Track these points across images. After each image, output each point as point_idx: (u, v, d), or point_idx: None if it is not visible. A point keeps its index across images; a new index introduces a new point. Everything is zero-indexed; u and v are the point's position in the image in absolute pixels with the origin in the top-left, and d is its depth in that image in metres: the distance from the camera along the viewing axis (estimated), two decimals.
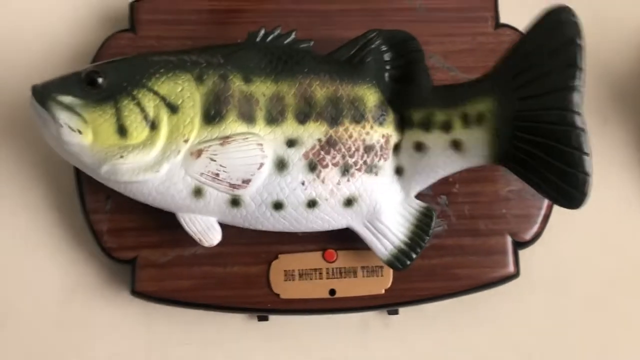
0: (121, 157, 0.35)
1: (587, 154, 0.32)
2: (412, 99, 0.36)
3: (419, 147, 0.36)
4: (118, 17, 0.42)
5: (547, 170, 0.33)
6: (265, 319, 0.40)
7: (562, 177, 0.33)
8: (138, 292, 0.39)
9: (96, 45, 0.41)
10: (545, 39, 0.32)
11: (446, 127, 0.35)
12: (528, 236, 0.40)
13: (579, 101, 0.32)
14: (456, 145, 0.35)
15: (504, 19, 0.42)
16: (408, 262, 0.38)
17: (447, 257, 0.40)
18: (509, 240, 0.40)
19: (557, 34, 0.32)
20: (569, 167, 0.32)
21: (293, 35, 0.38)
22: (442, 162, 0.36)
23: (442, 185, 0.39)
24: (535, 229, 0.41)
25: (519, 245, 0.40)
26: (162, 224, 0.38)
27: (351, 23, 0.41)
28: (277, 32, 0.37)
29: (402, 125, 0.37)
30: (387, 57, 0.37)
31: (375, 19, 0.41)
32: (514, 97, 0.33)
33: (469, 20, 0.42)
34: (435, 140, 0.36)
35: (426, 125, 0.36)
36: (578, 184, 0.32)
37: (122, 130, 0.35)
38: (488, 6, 0.42)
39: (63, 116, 0.34)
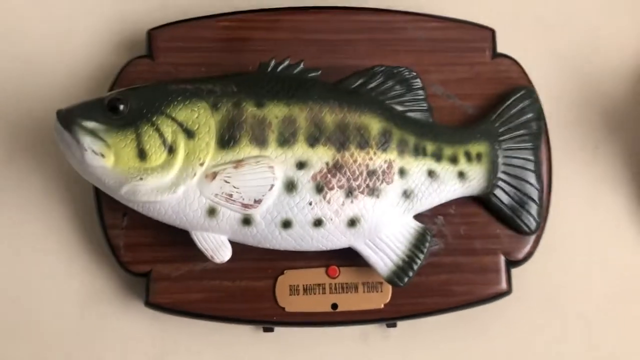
0: (141, 179, 0.37)
1: (544, 191, 0.43)
2: (425, 131, 0.41)
3: (431, 174, 0.40)
4: (136, 44, 0.44)
5: (514, 202, 0.42)
6: (270, 330, 0.42)
7: (522, 211, 0.42)
8: (152, 304, 0.41)
9: (115, 70, 0.43)
10: (520, 107, 0.43)
11: (453, 160, 0.40)
12: (520, 255, 0.43)
13: (544, 155, 0.43)
14: (461, 175, 0.41)
15: (501, 49, 0.45)
16: (406, 279, 0.40)
17: (444, 275, 0.42)
18: (502, 259, 0.42)
19: (528, 107, 0.43)
20: (531, 200, 0.42)
21: (302, 65, 0.40)
22: (448, 189, 0.41)
23: (440, 207, 0.42)
24: (527, 248, 0.43)
25: (512, 264, 0.43)
26: (175, 240, 0.41)
27: (357, 52, 0.43)
28: (287, 62, 0.40)
29: (415, 153, 0.40)
30: (390, 90, 0.40)
31: (380, 49, 0.43)
32: (500, 146, 0.42)
33: (467, 50, 0.44)
34: (445, 169, 0.40)
35: (437, 157, 0.40)
36: (532, 220, 0.42)
37: (142, 154, 0.37)
38: (486, 37, 0.44)
39: (87, 140, 0.37)
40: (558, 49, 0.47)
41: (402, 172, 0.40)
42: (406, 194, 0.40)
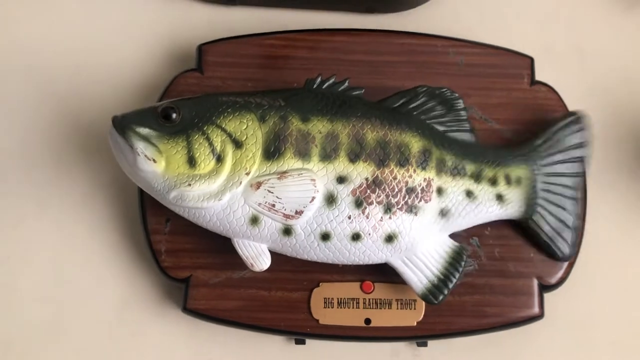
0: (189, 185, 0.38)
1: (579, 220, 0.43)
2: (466, 152, 0.41)
3: (469, 194, 0.41)
4: (186, 58, 0.46)
5: (551, 228, 0.42)
6: (302, 342, 0.43)
7: (562, 236, 0.42)
8: (189, 310, 0.42)
9: (165, 82, 0.44)
10: (568, 133, 0.43)
11: (493, 182, 0.41)
12: (554, 280, 0.43)
13: (582, 183, 0.43)
14: (499, 198, 0.41)
15: (539, 76, 0.45)
16: (441, 297, 0.40)
17: (477, 295, 0.42)
18: (535, 282, 0.43)
19: (575, 135, 0.43)
20: (568, 228, 0.42)
21: (347, 83, 0.41)
22: (485, 210, 0.41)
23: (475, 228, 0.42)
24: (560, 273, 0.43)
25: (545, 288, 0.43)
26: (216, 247, 0.42)
27: (397, 74, 0.44)
28: (332, 79, 0.41)
29: (454, 172, 0.41)
30: (433, 110, 0.41)
31: (420, 71, 0.45)
32: (542, 171, 0.43)
33: (506, 76, 0.45)
34: (483, 191, 0.41)
35: (477, 177, 0.41)
36: (570, 244, 0.43)
37: (191, 161, 0.38)
38: (525, 64, 0.45)
39: (140, 146, 0.38)
40: (594, 78, 0.48)
41: (439, 191, 0.40)
42: (443, 213, 0.40)
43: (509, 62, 0.45)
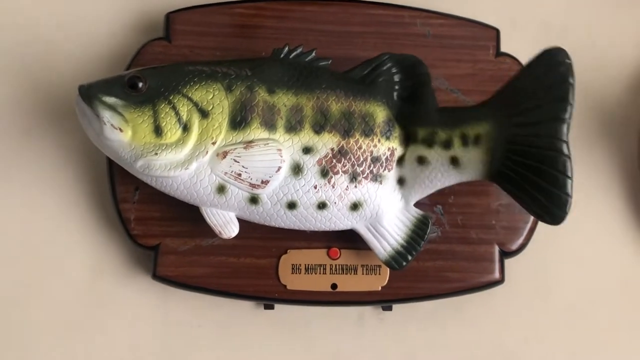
0: (155, 154, 0.38)
1: (570, 177, 0.36)
2: (419, 117, 0.40)
3: (421, 160, 0.40)
4: (154, 27, 0.46)
5: (533, 189, 0.37)
6: (271, 307, 0.44)
7: (546, 196, 0.37)
8: (159, 276, 0.43)
9: (133, 50, 0.44)
10: (541, 74, 0.37)
11: (446, 145, 0.39)
12: (514, 247, 0.44)
13: (567, 131, 0.36)
14: (454, 161, 0.39)
15: (504, 48, 0.46)
16: (404, 263, 0.41)
17: (440, 261, 0.44)
18: (496, 249, 0.44)
19: (553, 72, 0.36)
20: (554, 188, 0.36)
21: (314, 54, 0.41)
22: (440, 175, 0.40)
23: (439, 196, 0.43)
24: (521, 240, 0.44)
25: (505, 254, 0.44)
26: (184, 216, 0.42)
27: (367, 44, 0.45)
28: (299, 49, 0.41)
29: (407, 140, 0.41)
30: (396, 78, 0.41)
31: (389, 42, 0.45)
32: (509, 123, 0.38)
33: (472, 48, 0.45)
34: (436, 155, 0.40)
35: (429, 142, 0.40)
36: (560, 204, 0.37)
37: (158, 130, 0.38)
38: (490, 36, 0.46)
39: (107, 115, 0.38)
40: None
41: (399, 160, 0.41)
42: (400, 181, 0.41)
43: (475, 33, 0.46)
